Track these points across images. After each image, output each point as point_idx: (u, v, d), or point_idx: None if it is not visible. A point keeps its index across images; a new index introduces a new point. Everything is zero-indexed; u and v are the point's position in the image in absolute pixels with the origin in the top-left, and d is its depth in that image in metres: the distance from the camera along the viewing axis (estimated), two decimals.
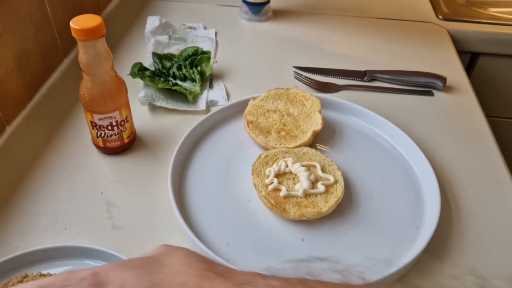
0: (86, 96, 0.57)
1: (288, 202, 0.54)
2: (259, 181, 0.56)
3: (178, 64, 0.76)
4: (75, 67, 0.60)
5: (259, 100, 0.68)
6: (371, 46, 0.89)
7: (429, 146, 0.65)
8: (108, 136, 0.61)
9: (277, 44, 0.89)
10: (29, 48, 0.67)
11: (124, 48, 0.86)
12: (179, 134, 0.63)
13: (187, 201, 0.57)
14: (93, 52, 0.54)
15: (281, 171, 0.57)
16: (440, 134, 0.69)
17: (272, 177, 0.56)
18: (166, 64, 0.77)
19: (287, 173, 0.57)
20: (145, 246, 0.52)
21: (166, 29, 0.89)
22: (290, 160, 0.58)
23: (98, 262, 0.49)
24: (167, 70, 0.76)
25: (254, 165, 0.58)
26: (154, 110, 0.71)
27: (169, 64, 0.77)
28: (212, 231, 0.53)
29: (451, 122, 0.72)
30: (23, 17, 0.65)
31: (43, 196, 0.58)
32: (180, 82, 0.74)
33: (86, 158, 0.63)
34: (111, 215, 0.56)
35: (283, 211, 0.53)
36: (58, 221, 0.55)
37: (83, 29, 0.51)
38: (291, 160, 0.58)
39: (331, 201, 0.54)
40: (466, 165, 0.64)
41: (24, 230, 0.53)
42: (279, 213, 0.53)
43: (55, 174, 0.61)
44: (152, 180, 0.60)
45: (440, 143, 0.67)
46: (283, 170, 0.57)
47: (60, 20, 0.74)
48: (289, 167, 0.57)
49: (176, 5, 1.00)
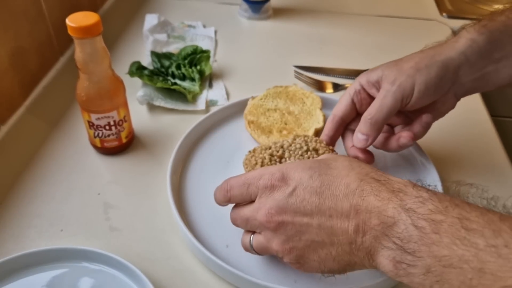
0: (83, 95, 0.56)
1: None
2: None
3: (177, 63, 0.75)
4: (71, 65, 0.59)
5: (258, 99, 0.67)
6: (373, 45, 0.88)
7: (432, 146, 0.64)
8: (105, 136, 0.60)
9: (277, 43, 0.89)
10: (24, 46, 0.66)
11: (122, 47, 0.85)
12: (178, 134, 0.63)
13: (186, 202, 0.56)
14: (90, 51, 0.53)
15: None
16: (444, 134, 0.68)
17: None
18: (165, 63, 0.76)
19: None
20: (143, 248, 0.52)
21: (164, 28, 0.88)
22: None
23: (95, 265, 0.48)
24: (166, 69, 0.75)
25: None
26: (152, 110, 0.70)
27: (168, 63, 0.76)
28: (211, 232, 0.52)
29: (454, 122, 0.71)
30: (17, 14, 0.64)
31: (39, 197, 0.57)
32: (179, 82, 0.73)
33: (83, 159, 0.62)
34: (108, 217, 0.55)
35: None
36: (54, 222, 0.54)
37: (79, 26, 0.51)
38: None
39: None
40: (471, 165, 0.63)
41: (19, 232, 0.52)
42: None
43: (51, 174, 0.60)
44: (151, 181, 0.59)
45: (443, 144, 0.66)
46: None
47: (56, 17, 0.73)
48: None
49: (175, 3, 0.99)
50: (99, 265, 0.48)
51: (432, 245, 0.32)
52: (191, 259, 0.50)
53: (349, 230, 0.37)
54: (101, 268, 0.48)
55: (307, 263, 0.40)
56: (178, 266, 0.50)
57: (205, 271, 0.49)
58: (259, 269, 0.48)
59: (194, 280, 0.49)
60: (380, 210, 0.35)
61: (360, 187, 0.38)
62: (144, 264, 0.49)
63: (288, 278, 0.48)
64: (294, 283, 0.47)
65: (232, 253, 0.50)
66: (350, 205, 0.37)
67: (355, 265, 0.39)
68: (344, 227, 0.37)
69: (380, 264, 0.36)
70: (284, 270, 0.49)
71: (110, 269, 0.47)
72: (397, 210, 0.34)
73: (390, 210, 0.35)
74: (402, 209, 0.34)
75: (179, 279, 0.48)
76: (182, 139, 0.61)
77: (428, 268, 0.32)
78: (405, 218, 0.34)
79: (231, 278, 0.48)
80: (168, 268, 0.49)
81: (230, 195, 0.44)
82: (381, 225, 0.35)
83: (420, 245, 0.32)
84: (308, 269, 0.41)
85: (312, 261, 0.40)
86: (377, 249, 0.36)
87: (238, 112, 0.68)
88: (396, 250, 0.34)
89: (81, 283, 0.47)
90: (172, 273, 0.49)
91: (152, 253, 0.51)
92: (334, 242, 0.38)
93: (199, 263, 0.50)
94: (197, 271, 0.49)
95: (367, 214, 0.36)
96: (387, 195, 0.36)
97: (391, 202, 0.35)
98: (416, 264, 0.33)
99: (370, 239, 0.36)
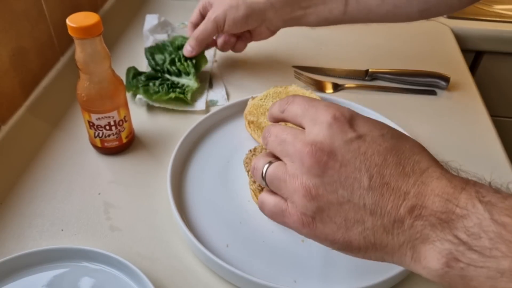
0: (83, 96, 0.56)
1: None
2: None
3: (171, 58, 0.74)
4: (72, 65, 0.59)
5: (258, 99, 0.67)
6: (373, 45, 0.88)
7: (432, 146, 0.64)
8: (106, 136, 0.60)
9: (277, 43, 0.88)
10: (24, 46, 0.66)
11: (122, 47, 0.85)
12: (179, 134, 0.63)
13: (187, 201, 0.56)
14: (90, 51, 0.53)
15: None
16: (444, 134, 0.68)
17: None
18: (159, 60, 0.74)
19: None
20: (144, 248, 0.52)
21: (165, 28, 0.88)
22: None
23: (96, 264, 0.48)
24: (161, 66, 0.74)
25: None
26: (153, 110, 0.70)
27: (162, 57, 0.75)
28: (211, 232, 0.52)
29: (454, 122, 0.71)
30: (18, 14, 0.64)
31: (39, 197, 0.57)
32: (176, 78, 0.72)
33: (83, 158, 0.62)
34: (109, 216, 0.55)
35: None
36: (54, 222, 0.54)
37: (80, 27, 0.51)
38: None
39: None
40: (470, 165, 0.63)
41: (19, 231, 0.53)
42: None
43: (51, 174, 0.60)
44: (151, 181, 0.59)
45: (443, 144, 0.66)
46: None
47: (57, 17, 0.73)
48: None
49: (175, 3, 0.99)
50: (99, 264, 0.48)
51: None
52: (191, 259, 0.50)
53: (402, 207, 0.32)
54: (101, 268, 0.48)
55: (323, 223, 0.34)
56: (178, 266, 0.50)
57: (205, 271, 0.49)
58: (259, 269, 0.48)
59: (194, 280, 0.49)
60: (450, 197, 0.31)
61: (432, 167, 0.33)
62: (144, 263, 0.49)
63: (288, 278, 0.48)
64: (294, 283, 0.47)
65: (232, 253, 0.50)
66: (414, 182, 0.32)
67: (382, 250, 0.33)
68: (397, 202, 0.32)
69: (424, 258, 0.31)
70: (284, 270, 0.49)
71: (111, 268, 0.48)
72: (472, 202, 0.30)
73: (463, 200, 0.30)
74: (479, 201, 0.30)
75: (179, 279, 0.49)
76: (182, 139, 0.61)
77: (503, 271, 0.28)
78: (482, 212, 0.29)
79: (231, 278, 0.48)
80: (168, 267, 0.49)
81: (288, 107, 0.38)
82: (446, 214, 0.30)
83: (497, 243, 0.28)
84: (319, 231, 0.35)
85: (331, 223, 0.34)
86: (428, 239, 0.31)
87: (238, 112, 0.68)
88: (458, 245, 0.29)
89: (82, 283, 0.47)
90: (172, 273, 0.49)
91: (152, 253, 0.51)
92: (377, 212, 0.32)
93: (199, 263, 0.50)
94: (197, 271, 0.49)
95: (432, 197, 0.31)
96: (461, 184, 0.31)
97: (465, 192, 0.31)
98: (483, 266, 0.28)
99: (424, 225, 0.31)
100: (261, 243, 0.51)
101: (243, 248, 0.51)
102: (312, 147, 0.34)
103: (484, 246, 0.28)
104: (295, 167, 0.35)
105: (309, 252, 0.51)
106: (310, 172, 0.34)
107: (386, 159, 0.33)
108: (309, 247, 0.51)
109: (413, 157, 0.34)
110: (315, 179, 0.34)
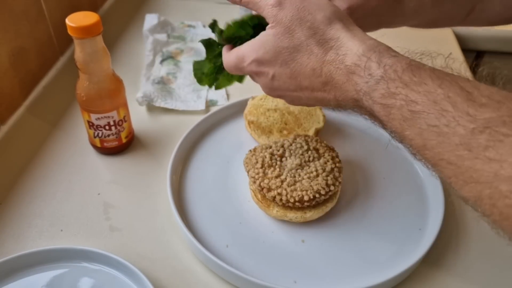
0: (83, 95, 0.56)
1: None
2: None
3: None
4: (71, 65, 0.59)
5: (258, 99, 0.67)
6: None
7: None
8: (105, 136, 0.60)
9: None
10: (24, 46, 0.66)
11: (122, 47, 0.85)
12: (178, 134, 0.62)
13: (186, 202, 0.56)
14: (90, 50, 0.53)
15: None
16: None
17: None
18: None
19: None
20: (143, 248, 0.52)
21: (164, 27, 0.88)
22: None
23: (95, 265, 0.48)
24: None
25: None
26: (152, 110, 0.70)
27: None
28: (211, 232, 0.52)
29: None
30: (17, 14, 0.64)
31: (39, 197, 0.56)
32: None
33: (83, 159, 0.62)
34: (108, 217, 0.55)
35: (267, 208, 0.52)
36: (54, 222, 0.54)
37: (79, 26, 0.50)
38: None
39: (318, 207, 0.52)
40: None
41: (19, 232, 0.52)
42: (263, 209, 0.53)
43: (51, 174, 0.59)
44: (151, 181, 0.59)
45: None
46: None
47: (56, 17, 0.73)
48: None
49: (175, 3, 0.99)
50: (99, 265, 0.48)
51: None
52: (191, 259, 0.50)
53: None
54: (101, 268, 0.48)
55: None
56: (178, 266, 0.50)
57: (205, 271, 0.49)
58: (259, 269, 0.48)
59: (194, 280, 0.49)
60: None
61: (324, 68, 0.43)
62: (144, 264, 0.49)
63: (288, 278, 0.48)
64: (293, 283, 0.47)
65: (232, 253, 0.50)
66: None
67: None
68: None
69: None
70: (284, 270, 0.49)
71: (110, 269, 0.47)
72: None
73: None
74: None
75: (179, 279, 0.49)
76: (182, 139, 0.61)
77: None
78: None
79: (231, 278, 0.48)
80: (168, 268, 0.49)
81: None
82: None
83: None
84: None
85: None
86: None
87: (238, 112, 0.68)
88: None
89: (81, 283, 0.47)
90: (172, 273, 0.49)
91: (152, 253, 0.51)
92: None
93: (199, 263, 0.50)
94: (197, 271, 0.49)
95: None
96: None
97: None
98: None
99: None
100: (261, 243, 0.51)
101: (243, 248, 0.51)
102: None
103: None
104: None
105: (309, 252, 0.51)
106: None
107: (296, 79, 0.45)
108: (309, 247, 0.51)
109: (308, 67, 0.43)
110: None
